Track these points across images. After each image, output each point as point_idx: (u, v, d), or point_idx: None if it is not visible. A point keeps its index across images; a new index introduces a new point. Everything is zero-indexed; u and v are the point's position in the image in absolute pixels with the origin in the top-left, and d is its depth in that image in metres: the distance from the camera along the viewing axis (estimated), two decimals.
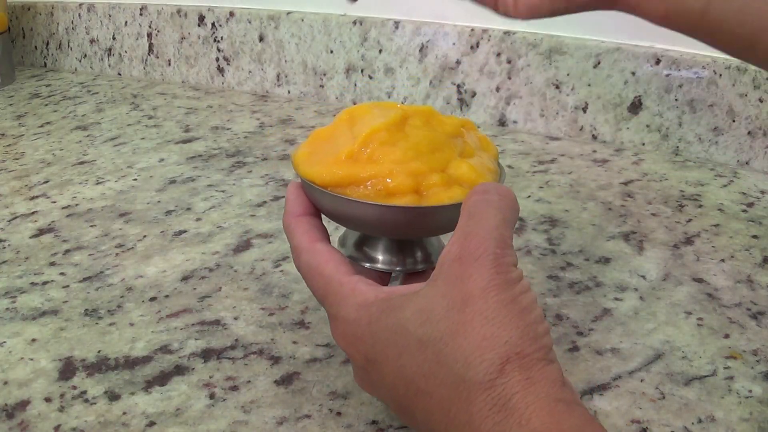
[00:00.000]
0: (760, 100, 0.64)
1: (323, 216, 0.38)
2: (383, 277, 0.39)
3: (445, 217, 0.35)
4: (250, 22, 0.92)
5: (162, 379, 0.40)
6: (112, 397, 0.39)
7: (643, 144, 0.71)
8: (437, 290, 0.30)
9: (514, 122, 0.78)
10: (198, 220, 0.59)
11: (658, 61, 0.68)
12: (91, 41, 1.08)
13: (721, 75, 0.66)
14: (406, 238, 0.38)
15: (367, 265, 0.38)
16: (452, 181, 0.35)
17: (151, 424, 0.37)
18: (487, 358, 0.27)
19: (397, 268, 0.38)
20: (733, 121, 0.66)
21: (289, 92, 0.92)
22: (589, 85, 0.72)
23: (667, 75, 0.68)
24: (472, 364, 0.27)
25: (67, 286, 0.50)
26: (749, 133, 0.66)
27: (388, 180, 0.35)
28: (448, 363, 0.28)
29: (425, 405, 0.29)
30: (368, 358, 0.31)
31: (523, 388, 0.27)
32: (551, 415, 0.26)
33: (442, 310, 0.29)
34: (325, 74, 0.88)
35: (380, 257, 0.38)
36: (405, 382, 0.30)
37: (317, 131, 0.39)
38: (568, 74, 0.73)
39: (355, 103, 0.87)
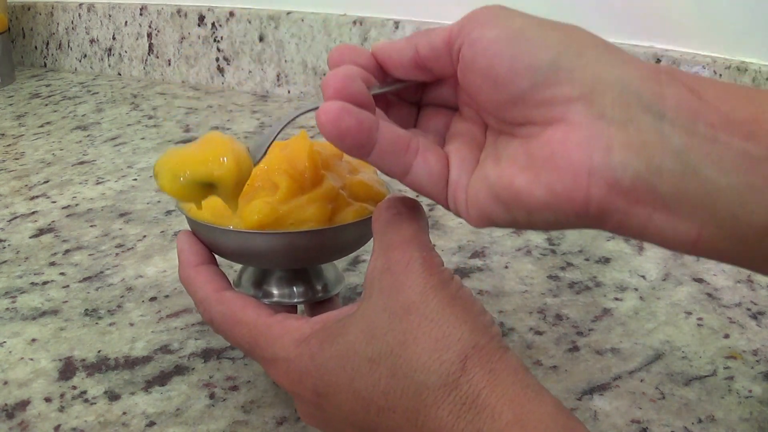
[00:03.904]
0: None
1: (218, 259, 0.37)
2: (291, 312, 0.37)
3: (357, 234, 0.36)
4: (250, 22, 0.92)
5: (162, 379, 0.40)
6: (112, 397, 0.39)
7: None
8: (375, 306, 0.29)
9: None
10: None
11: (658, 61, 0.68)
12: (91, 41, 1.08)
13: (721, 75, 0.66)
14: (317, 264, 0.38)
15: (267, 301, 0.37)
16: (352, 198, 0.36)
17: (151, 424, 0.37)
18: (445, 360, 0.27)
19: (301, 300, 0.38)
20: None
21: (289, 92, 0.92)
22: None
23: None
24: (431, 368, 0.27)
25: (67, 286, 0.50)
26: None
27: (305, 211, 0.34)
28: (405, 374, 0.27)
29: (389, 422, 0.28)
30: (318, 392, 0.30)
31: (490, 382, 0.26)
32: (522, 405, 0.26)
33: (385, 323, 0.28)
34: (325, 74, 0.88)
35: (281, 291, 0.38)
36: (364, 405, 0.29)
37: None
38: None
39: None
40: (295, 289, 0.38)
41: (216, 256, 0.37)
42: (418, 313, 0.28)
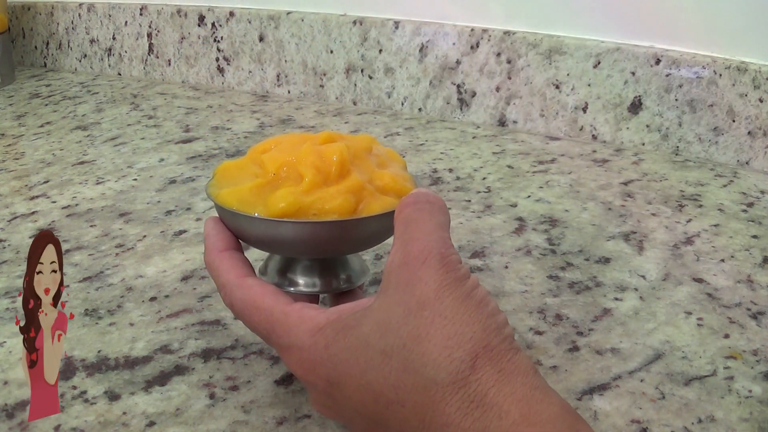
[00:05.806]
0: (760, 100, 0.64)
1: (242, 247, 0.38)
2: (312, 301, 0.38)
3: (380, 227, 0.36)
4: (250, 22, 0.92)
5: (162, 379, 0.40)
6: (112, 397, 0.39)
7: (643, 144, 0.71)
8: (390, 299, 0.29)
9: (514, 122, 0.78)
10: (198, 220, 0.59)
11: (658, 61, 0.68)
12: (91, 41, 1.08)
13: (721, 75, 0.66)
14: (339, 255, 0.38)
15: (292, 290, 0.38)
16: (378, 191, 0.36)
17: (151, 424, 0.37)
18: (456, 357, 0.27)
19: (324, 290, 0.38)
20: (733, 121, 0.66)
21: (289, 92, 0.92)
22: (589, 85, 0.72)
23: (667, 75, 0.68)
24: (441, 365, 0.27)
25: (67, 286, 0.50)
26: (749, 133, 0.66)
27: (330, 203, 0.35)
28: (416, 368, 0.28)
29: (398, 415, 0.28)
30: (330, 381, 0.31)
31: (498, 381, 0.27)
32: (529, 405, 0.26)
33: (400, 317, 0.28)
34: (325, 74, 0.88)
35: (305, 281, 0.38)
36: (374, 397, 0.29)
37: (225, 164, 0.39)
38: (568, 74, 0.73)
39: (355, 104, 0.87)
40: (319, 279, 0.38)
41: (243, 245, 0.37)
42: (432, 309, 0.28)
